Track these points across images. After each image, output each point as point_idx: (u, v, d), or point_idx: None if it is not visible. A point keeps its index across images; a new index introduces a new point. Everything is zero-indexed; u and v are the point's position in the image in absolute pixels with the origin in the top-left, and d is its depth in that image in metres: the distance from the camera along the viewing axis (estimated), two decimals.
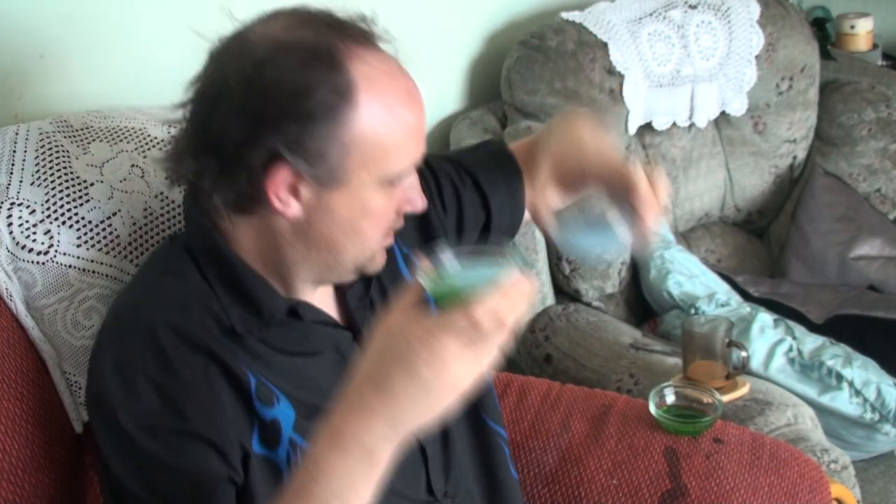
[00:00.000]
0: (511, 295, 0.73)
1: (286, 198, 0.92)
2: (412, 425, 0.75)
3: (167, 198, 1.20)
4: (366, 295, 1.07)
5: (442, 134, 2.03)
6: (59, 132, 1.19)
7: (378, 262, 1.01)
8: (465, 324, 0.72)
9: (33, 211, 1.11)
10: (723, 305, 1.83)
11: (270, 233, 0.96)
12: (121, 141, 1.21)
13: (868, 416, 1.62)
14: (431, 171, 1.20)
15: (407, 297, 0.77)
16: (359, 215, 0.94)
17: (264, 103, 0.88)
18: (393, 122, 0.92)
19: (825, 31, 2.45)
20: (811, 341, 1.72)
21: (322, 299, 1.05)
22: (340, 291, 1.07)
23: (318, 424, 0.78)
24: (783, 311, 1.85)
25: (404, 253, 1.15)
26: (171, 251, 1.02)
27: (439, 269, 0.80)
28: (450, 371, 0.72)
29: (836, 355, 1.67)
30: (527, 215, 1.27)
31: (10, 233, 1.10)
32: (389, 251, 1.12)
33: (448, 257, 0.81)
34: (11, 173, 1.12)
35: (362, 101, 0.90)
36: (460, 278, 0.78)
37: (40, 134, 1.17)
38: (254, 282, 0.98)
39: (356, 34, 0.93)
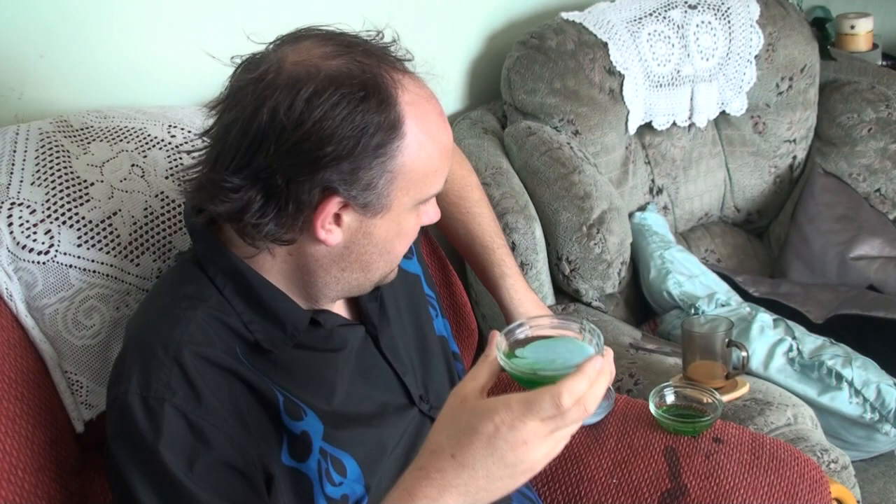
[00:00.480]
0: (596, 381, 0.74)
1: (331, 227, 0.92)
2: (487, 500, 0.76)
3: (167, 197, 1.20)
4: (376, 287, 1.08)
5: None
6: (59, 132, 1.19)
7: (395, 273, 1.03)
8: (552, 410, 0.72)
9: (34, 211, 1.11)
10: (723, 305, 1.83)
11: (304, 258, 0.96)
12: (121, 141, 1.21)
13: (868, 416, 1.61)
14: None
15: (483, 370, 0.78)
16: (394, 236, 0.96)
17: (320, 143, 0.86)
18: (433, 146, 0.93)
19: (825, 31, 2.44)
20: (811, 341, 1.72)
21: (337, 302, 1.06)
22: None
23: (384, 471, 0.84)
24: (783, 311, 1.85)
25: None
26: (184, 271, 1.00)
27: (515, 344, 0.80)
28: (531, 453, 0.74)
29: (836, 355, 1.67)
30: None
31: (11, 233, 1.10)
32: None
33: (523, 330, 0.81)
34: (12, 173, 1.12)
35: (409, 131, 0.90)
36: (541, 359, 0.79)
37: (40, 134, 1.17)
38: (274, 297, 0.98)
39: (393, 61, 0.93)
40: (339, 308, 1.06)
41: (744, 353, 1.53)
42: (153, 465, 0.86)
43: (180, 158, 1.23)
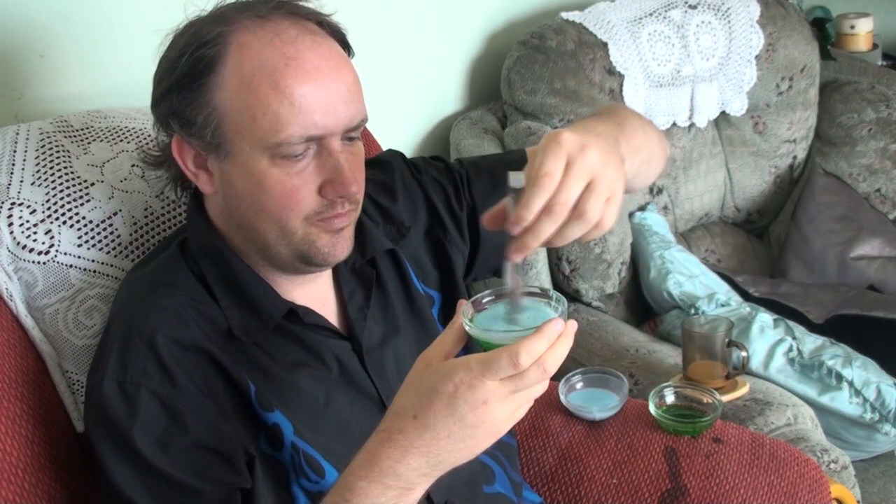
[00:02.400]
0: (556, 343, 0.74)
1: (196, 171, 0.97)
2: (450, 463, 0.76)
3: (167, 197, 1.20)
4: (365, 305, 1.07)
5: (442, 134, 2.03)
6: (59, 132, 1.19)
7: (321, 250, 0.96)
8: (509, 368, 0.72)
9: (34, 211, 1.11)
10: (723, 305, 1.83)
11: (223, 213, 0.99)
12: (121, 141, 1.21)
13: (868, 416, 1.61)
14: (449, 173, 1.19)
15: (449, 336, 0.78)
16: (255, 189, 0.94)
17: (158, 75, 0.96)
18: (261, 87, 0.90)
19: (825, 31, 2.44)
20: (811, 341, 1.72)
21: (324, 309, 1.05)
22: (343, 302, 1.07)
23: (351, 450, 0.79)
24: (783, 311, 1.85)
25: (411, 256, 1.14)
26: (167, 258, 1.02)
27: (482, 313, 0.80)
28: (491, 413, 0.73)
29: (836, 355, 1.67)
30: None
31: (11, 233, 1.10)
32: (396, 258, 1.12)
33: (489, 301, 0.81)
34: (12, 173, 1.12)
35: (228, 68, 0.91)
36: (503, 321, 0.79)
37: (41, 134, 1.17)
38: (253, 281, 0.98)
39: (262, 9, 0.94)
40: (330, 316, 1.05)
41: (744, 353, 1.53)
42: (130, 450, 0.87)
43: None
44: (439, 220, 1.16)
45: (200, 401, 0.91)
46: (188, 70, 0.92)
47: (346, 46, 1.00)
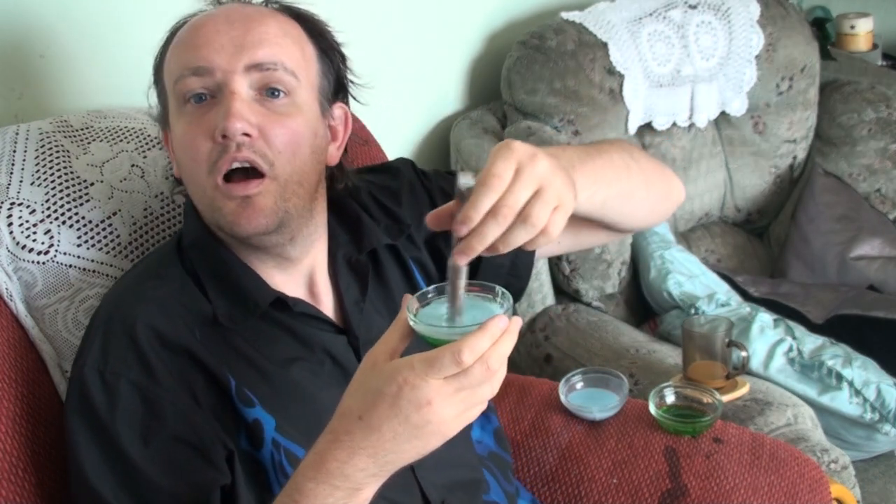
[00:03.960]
0: (499, 340, 0.73)
1: (173, 157, 1.01)
2: (398, 463, 0.76)
3: (167, 198, 1.20)
4: (361, 298, 1.06)
5: (442, 134, 2.03)
6: (59, 132, 1.19)
7: (227, 217, 0.94)
8: (452, 366, 0.71)
9: (33, 211, 1.11)
10: (723, 305, 1.83)
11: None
12: (121, 141, 1.21)
13: (868, 416, 1.62)
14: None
15: (395, 333, 0.77)
16: (179, 150, 0.98)
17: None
18: (176, 46, 0.99)
19: (825, 31, 2.45)
20: (811, 341, 1.72)
21: (320, 301, 1.05)
22: (339, 295, 1.07)
23: (305, 451, 0.79)
24: (783, 311, 1.85)
25: (415, 258, 1.14)
26: (163, 252, 1.03)
27: (427, 307, 0.79)
28: (436, 414, 0.72)
29: (836, 355, 1.67)
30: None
31: (11, 233, 1.10)
32: (399, 255, 1.12)
33: (435, 296, 0.80)
34: (11, 173, 1.13)
35: (171, 46, 1.00)
36: (448, 318, 0.77)
37: (40, 134, 1.17)
38: (240, 271, 0.98)
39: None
40: (327, 309, 1.05)
41: (744, 353, 1.53)
42: (106, 440, 0.87)
43: None
44: (443, 230, 1.16)
45: (178, 394, 0.90)
46: (157, 62, 1.01)
47: (304, 25, 1.02)
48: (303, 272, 1.04)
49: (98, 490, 0.87)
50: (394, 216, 1.14)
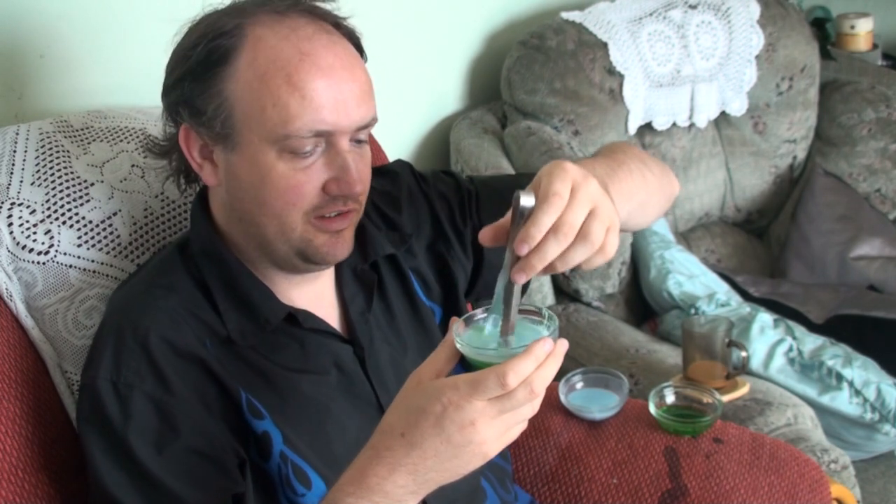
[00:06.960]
0: (543, 363, 0.74)
1: (202, 161, 0.97)
2: (437, 482, 0.76)
3: (167, 198, 1.20)
4: (367, 309, 1.06)
5: (442, 134, 2.03)
6: (59, 132, 1.19)
7: (319, 249, 0.96)
8: (497, 389, 0.72)
9: (34, 211, 1.11)
10: (723, 305, 1.83)
11: (225, 206, 0.99)
12: (121, 141, 1.21)
13: (868, 416, 1.62)
14: (458, 188, 1.18)
15: (441, 354, 0.78)
16: (258, 182, 0.94)
17: (171, 64, 0.96)
18: (274, 80, 0.91)
19: (825, 31, 2.45)
20: (811, 341, 1.72)
21: (325, 311, 1.05)
22: (344, 305, 1.07)
23: (341, 466, 0.79)
24: (783, 311, 1.85)
25: (414, 268, 1.14)
26: (168, 260, 1.02)
27: (471, 328, 0.80)
28: (479, 434, 0.73)
29: (836, 355, 1.67)
30: None
31: (11, 233, 1.10)
32: (398, 266, 1.11)
33: (483, 316, 0.81)
34: (12, 173, 1.12)
35: (242, 60, 0.92)
36: (495, 340, 0.78)
37: (40, 134, 1.17)
38: (252, 284, 0.98)
39: (280, 5, 0.95)
40: (332, 320, 1.05)
41: (744, 353, 1.53)
42: (122, 451, 0.87)
43: None
44: (443, 234, 1.16)
45: (192, 404, 0.91)
46: (203, 59, 0.93)
47: (361, 50, 1.00)
48: (312, 283, 1.04)
49: (118, 499, 0.87)
50: (394, 225, 1.14)
